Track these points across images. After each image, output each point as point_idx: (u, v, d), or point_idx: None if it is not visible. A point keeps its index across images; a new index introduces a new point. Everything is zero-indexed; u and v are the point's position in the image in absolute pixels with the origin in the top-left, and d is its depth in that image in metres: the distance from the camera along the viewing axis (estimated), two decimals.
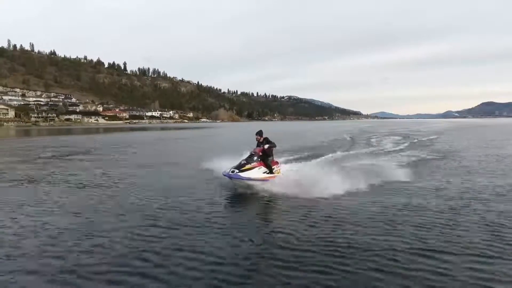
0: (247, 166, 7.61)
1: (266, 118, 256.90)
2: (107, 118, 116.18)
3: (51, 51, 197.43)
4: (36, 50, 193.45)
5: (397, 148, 17.57)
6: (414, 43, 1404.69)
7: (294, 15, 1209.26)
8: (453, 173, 9.79)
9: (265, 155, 8.11)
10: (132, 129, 63.10)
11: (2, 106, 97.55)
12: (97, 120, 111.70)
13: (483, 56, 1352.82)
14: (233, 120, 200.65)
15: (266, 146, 8.10)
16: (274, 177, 8.04)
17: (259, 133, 8.40)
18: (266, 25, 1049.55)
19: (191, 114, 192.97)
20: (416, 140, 23.20)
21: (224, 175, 7.57)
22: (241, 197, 7.30)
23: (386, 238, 4.63)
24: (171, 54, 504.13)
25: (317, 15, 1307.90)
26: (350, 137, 27.61)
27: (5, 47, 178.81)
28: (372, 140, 24.48)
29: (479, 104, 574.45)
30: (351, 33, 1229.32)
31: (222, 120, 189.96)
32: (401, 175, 9.11)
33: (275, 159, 8.72)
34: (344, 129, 49.78)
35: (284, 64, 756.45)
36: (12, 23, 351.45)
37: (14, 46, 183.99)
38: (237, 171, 7.45)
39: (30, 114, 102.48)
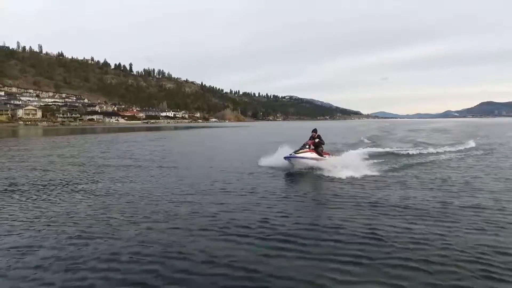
0: (301, 151, 10.86)
1: (270, 118, 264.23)
2: (126, 118, 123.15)
3: (58, 52, 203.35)
4: (44, 51, 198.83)
5: None
6: (414, 43, 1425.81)
7: (294, 16, 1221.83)
8: None
9: (316, 146, 11.43)
10: (170, 128, 70.30)
11: (31, 107, 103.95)
12: (117, 120, 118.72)
13: (482, 56, 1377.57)
14: (239, 120, 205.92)
15: (317, 140, 11.51)
16: (322, 159, 11.11)
17: (315, 130, 11.87)
18: (266, 25, 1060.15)
19: (198, 114, 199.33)
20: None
21: (284, 157, 10.63)
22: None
23: None
24: (171, 54, 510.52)
25: (316, 15, 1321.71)
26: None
27: (14, 49, 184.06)
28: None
29: (478, 103, 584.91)
30: (351, 33, 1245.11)
31: (229, 120, 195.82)
32: None
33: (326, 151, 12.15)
34: (371, 127, 56.32)
35: (283, 64, 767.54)
36: (10, 22, 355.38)
37: (23, 48, 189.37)
38: (293, 154, 10.75)
39: (56, 114, 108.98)
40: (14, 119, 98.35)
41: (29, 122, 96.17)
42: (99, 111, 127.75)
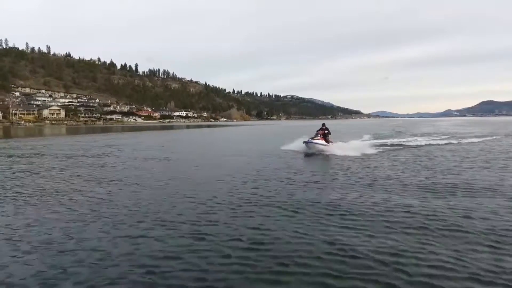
0: (315, 138, 15.77)
1: (274, 118, 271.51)
2: (143, 117, 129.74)
3: (66, 53, 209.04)
4: (52, 52, 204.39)
5: None
6: (414, 43, 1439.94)
7: (294, 16, 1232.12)
8: None
9: (324, 135, 16.16)
10: (188, 127, 77.20)
11: (56, 107, 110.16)
12: (135, 119, 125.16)
13: (482, 56, 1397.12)
14: (244, 120, 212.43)
15: (326, 132, 16.28)
16: (329, 145, 15.84)
17: (324, 124, 16.70)
18: (266, 25, 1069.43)
19: (205, 113, 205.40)
20: None
21: (303, 142, 15.87)
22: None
23: None
24: (172, 55, 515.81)
25: (316, 15, 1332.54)
26: None
27: (24, 50, 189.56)
28: None
29: (478, 103, 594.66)
30: (351, 32, 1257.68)
31: (236, 119, 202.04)
32: None
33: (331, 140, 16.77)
34: (389, 124, 63.33)
35: (284, 64, 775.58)
36: (11, 22, 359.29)
37: (32, 48, 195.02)
38: (310, 139, 15.78)
39: (78, 114, 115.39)
40: (40, 118, 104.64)
41: (55, 122, 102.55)
42: (117, 110, 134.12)
